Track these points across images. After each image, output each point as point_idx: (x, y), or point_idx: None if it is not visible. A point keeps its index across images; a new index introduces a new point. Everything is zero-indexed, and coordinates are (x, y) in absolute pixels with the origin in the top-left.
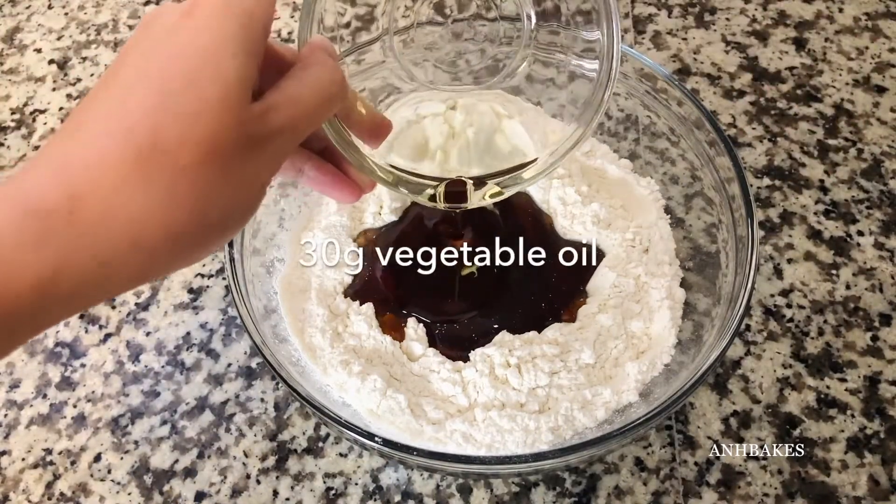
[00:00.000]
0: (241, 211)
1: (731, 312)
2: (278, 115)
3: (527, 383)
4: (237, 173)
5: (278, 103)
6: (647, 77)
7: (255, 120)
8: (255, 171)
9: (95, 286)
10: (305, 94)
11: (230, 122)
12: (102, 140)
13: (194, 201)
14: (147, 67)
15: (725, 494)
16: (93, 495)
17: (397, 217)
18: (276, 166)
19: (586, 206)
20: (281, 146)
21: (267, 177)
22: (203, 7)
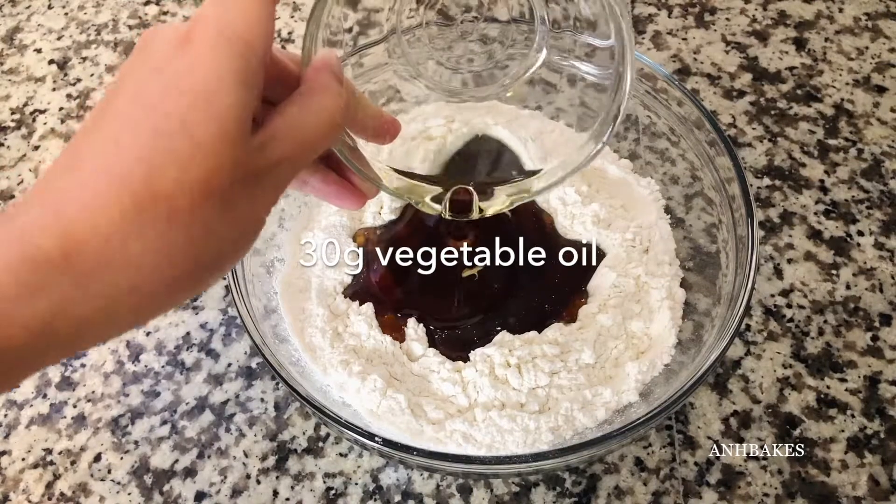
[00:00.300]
0: (238, 248)
1: (731, 312)
2: (278, 147)
3: (527, 383)
4: (235, 211)
5: (279, 133)
6: (647, 77)
7: (253, 154)
8: (253, 206)
9: (93, 331)
10: (308, 123)
11: (226, 162)
12: (97, 183)
13: (191, 245)
14: (142, 102)
15: (725, 494)
16: (93, 495)
17: (397, 217)
18: (275, 198)
19: (586, 206)
20: (280, 178)
21: (265, 211)
22: (199, 35)
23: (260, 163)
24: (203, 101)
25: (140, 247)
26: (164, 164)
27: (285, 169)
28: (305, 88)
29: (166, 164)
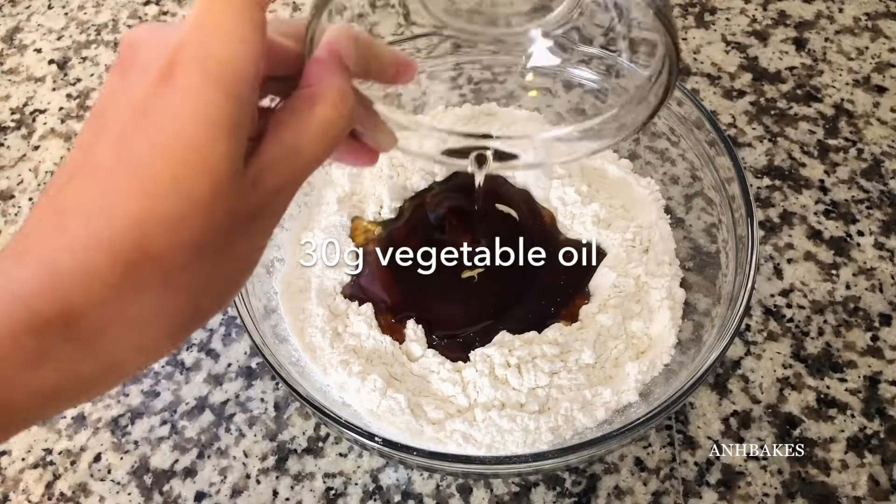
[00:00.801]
0: (240, 282)
1: (731, 312)
2: (274, 178)
3: (527, 383)
4: (232, 254)
5: (274, 163)
6: None
7: (247, 195)
8: (252, 241)
9: (99, 387)
10: (307, 143)
11: (220, 215)
12: (89, 250)
13: (190, 298)
14: (129, 159)
15: (725, 494)
16: (93, 495)
17: (396, 216)
18: (273, 226)
19: (586, 206)
20: (277, 206)
21: (264, 240)
22: (181, 73)
23: (255, 201)
24: (193, 154)
25: (138, 309)
26: (156, 227)
27: (283, 196)
28: (305, 95)
29: (158, 228)
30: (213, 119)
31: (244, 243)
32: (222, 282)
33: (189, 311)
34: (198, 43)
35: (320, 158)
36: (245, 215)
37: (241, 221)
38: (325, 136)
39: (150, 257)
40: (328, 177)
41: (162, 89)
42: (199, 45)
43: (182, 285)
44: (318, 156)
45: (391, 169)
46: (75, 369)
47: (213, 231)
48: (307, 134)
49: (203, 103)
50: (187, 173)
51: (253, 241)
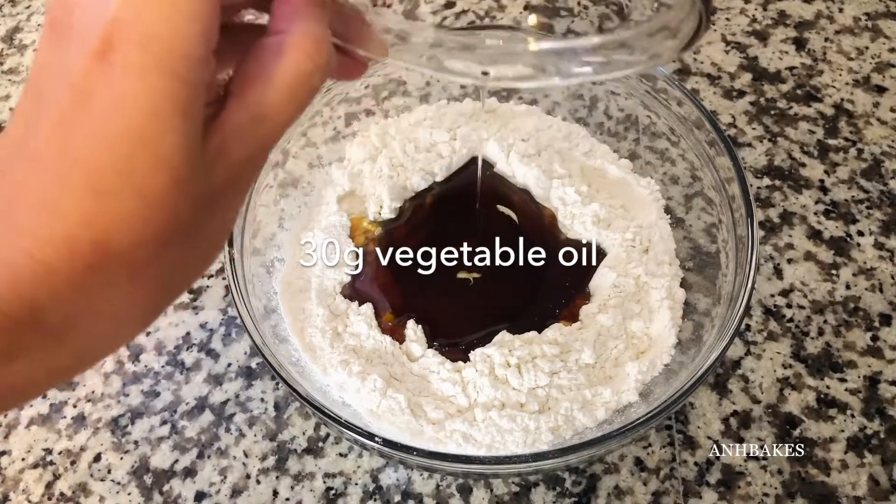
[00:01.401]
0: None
1: (731, 312)
2: (242, 146)
3: (527, 383)
4: (201, 235)
5: (240, 128)
6: (647, 77)
7: (211, 174)
8: (222, 219)
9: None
10: (276, 100)
11: (183, 205)
12: (44, 248)
13: (161, 285)
14: (71, 153)
15: (725, 494)
16: (93, 495)
17: (396, 216)
18: (243, 196)
19: (586, 206)
20: (248, 174)
21: (235, 212)
22: (121, 52)
23: (221, 176)
24: (142, 147)
25: (106, 303)
26: (113, 226)
27: (253, 164)
28: (272, 45)
29: (115, 226)
30: (161, 107)
31: (213, 221)
32: (194, 263)
33: (160, 297)
34: (136, 19)
35: (292, 118)
36: (212, 194)
37: (209, 201)
38: (296, 95)
39: (111, 256)
40: (328, 177)
41: (101, 69)
42: (138, 21)
43: (150, 277)
44: (290, 116)
45: (391, 169)
46: (48, 361)
47: (177, 221)
48: (275, 94)
49: (148, 89)
50: (138, 169)
51: (223, 217)
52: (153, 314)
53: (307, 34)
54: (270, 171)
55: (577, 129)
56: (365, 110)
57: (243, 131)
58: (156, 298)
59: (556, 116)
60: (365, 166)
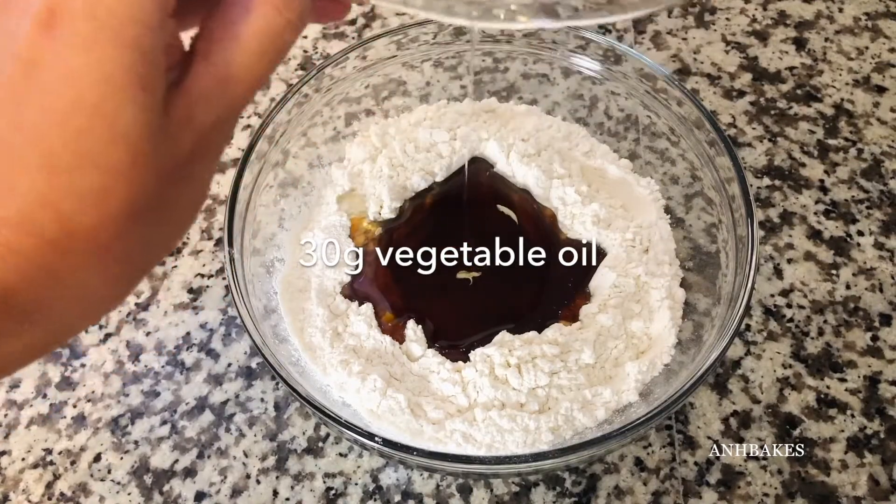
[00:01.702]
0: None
1: (731, 312)
2: (209, 111)
3: (527, 383)
4: (171, 206)
5: (207, 93)
6: (647, 77)
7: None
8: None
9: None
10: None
11: (148, 177)
12: (5, 228)
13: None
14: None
15: (725, 494)
16: (93, 495)
17: (396, 216)
18: (217, 158)
19: (586, 206)
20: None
21: (209, 178)
22: (66, 22)
23: (189, 144)
24: (97, 123)
25: (77, 282)
26: (74, 204)
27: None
28: (240, 2)
29: (76, 204)
30: (115, 80)
31: (185, 192)
32: (166, 235)
33: (132, 273)
34: None
35: (263, 78)
36: (179, 164)
37: (176, 170)
38: (266, 52)
39: (75, 234)
40: (328, 177)
41: (47, 41)
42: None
43: (119, 253)
44: (260, 78)
45: (391, 169)
46: (22, 340)
47: (142, 194)
48: (244, 54)
49: (98, 61)
50: (94, 145)
51: (195, 186)
52: (126, 289)
53: None
54: (270, 171)
55: (577, 129)
56: (365, 110)
57: (210, 95)
58: (128, 274)
59: (556, 116)
60: (365, 166)
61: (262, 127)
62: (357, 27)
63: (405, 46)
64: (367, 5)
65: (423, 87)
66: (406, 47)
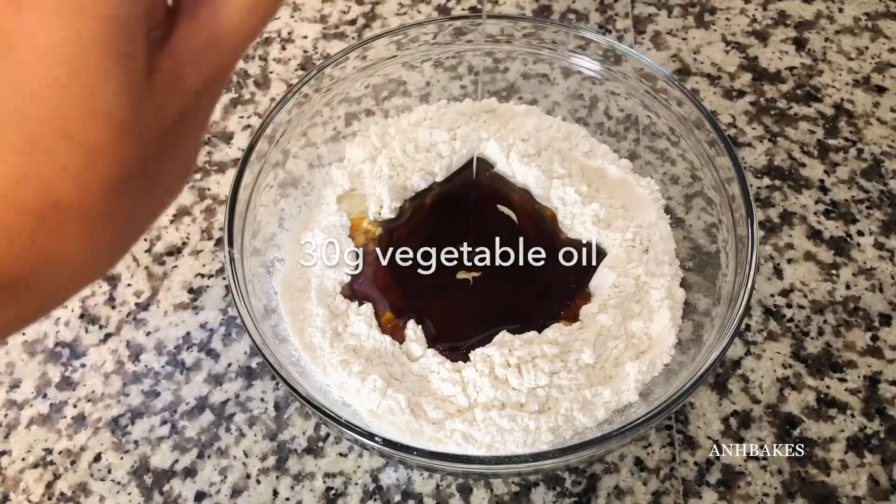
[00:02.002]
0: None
1: (731, 312)
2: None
3: (527, 383)
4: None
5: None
6: (647, 77)
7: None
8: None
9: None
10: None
11: (131, 146)
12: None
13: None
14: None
15: (725, 494)
16: (93, 495)
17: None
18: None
19: (586, 206)
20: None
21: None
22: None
23: (177, 106)
24: (73, 98)
25: (65, 253)
26: (57, 177)
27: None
28: None
29: (60, 177)
30: (89, 53)
31: (175, 155)
32: (157, 200)
33: (120, 241)
34: None
35: (254, 34)
36: (167, 129)
37: (164, 138)
38: (256, 6)
39: (60, 205)
40: (328, 177)
41: (16, 14)
42: None
43: (106, 224)
44: (251, 32)
45: (391, 169)
46: (7, 313)
47: (128, 167)
48: (233, 8)
49: (71, 36)
50: (73, 120)
51: (186, 148)
52: (113, 259)
53: None
54: (270, 171)
55: (577, 129)
56: (365, 110)
57: (199, 54)
58: (117, 242)
59: (556, 116)
60: (365, 166)
61: (262, 127)
62: (357, 27)
63: (405, 46)
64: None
65: (423, 87)
66: (406, 47)
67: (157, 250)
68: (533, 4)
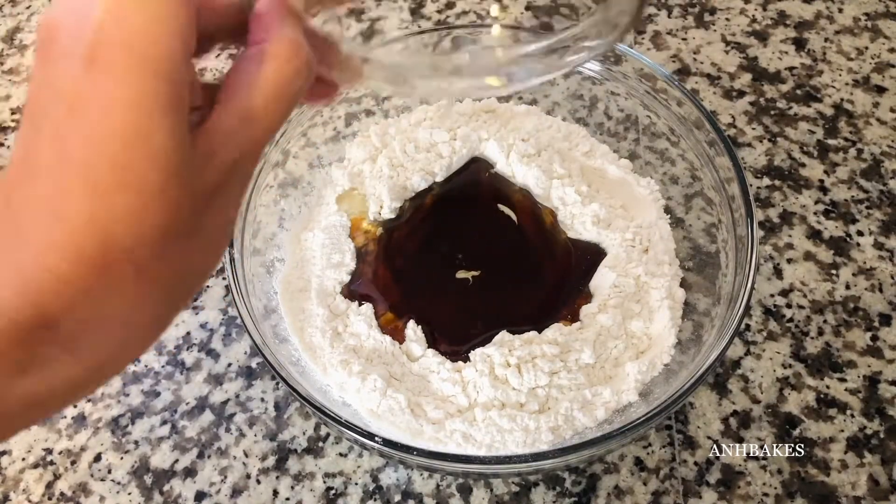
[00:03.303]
0: (218, 254)
1: (731, 312)
2: (231, 149)
3: (527, 383)
4: (202, 232)
5: (228, 132)
6: (647, 77)
7: (203, 168)
8: (221, 214)
9: (86, 389)
10: (262, 104)
11: (179, 198)
12: (49, 254)
13: (166, 285)
14: (69, 158)
15: (725, 494)
16: (93, 495)
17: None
18: (242, 193)
19: (586, 206)
20: (241, 175)
21: (233, 214)
22: (105, 58)
23: (214, 176)
24: (133, 143)
25: (115, 307)
26: (114, 223)
27: (244, 166)
28: (253, 54)
29: (116, 223)
30: (148, 105)
31: (212, 220)
32: (197, 263)
33: (168, 299)
34: (118, 24)
35: (279, 121)
36: (207, 192)
37: (204, 198)
38: (281, 97)
39: (116, 254)
40: (328, 177)
41: (90, 76)
42: (121, 25)
43: (156, 276)
44: (277, 119)
45: (391, 169)
46: (62, 373)
47: (176, 215)
48: (260, 97)
49: (132, 90)
50: (133, 165)
51: (221, 216)
52: (166, 318)
53: (284, 40)
54: (270, 171)
55: (577, 129)
56: (365, 110)
57: (232, 135)
58: (164, 301)
59: (556, 116)
60: (365, 166)
61: None
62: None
63: None
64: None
65: None
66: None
67: None
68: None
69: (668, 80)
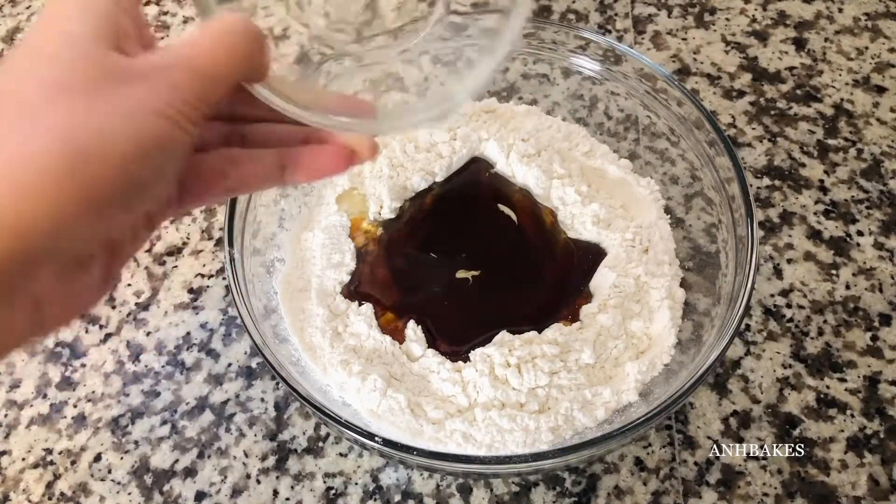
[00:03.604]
0: (133, 142)
1: (731, 312)
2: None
3: (527, 383)
4: (105, 102)
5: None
6: (647, 77)
7: (124, 58)
8: (134, 99)
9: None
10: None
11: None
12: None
13: (61, 130)
14: None
15: (725, 494)
16: (93, 495)
17: (396, 216)
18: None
19: (586, 206)
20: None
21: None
22: None
23: (134, 65)
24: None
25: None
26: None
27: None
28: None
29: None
30: None
31: (123, 97)
32: (99, 129)
33: (64, 149)
34: None
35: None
36: (120, 71)
37: (118, 73)
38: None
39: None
40: None
41: None
42: None
43: (51, 116)
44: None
45: (391, 169)
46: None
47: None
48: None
49: None
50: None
51: (137, 99)
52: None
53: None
54: None
55: (577, 129)
56: None
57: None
58: (56, 145)
59: (556, 116)
60: (365, 166)
61: None
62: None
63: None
64: None
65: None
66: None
67: (158, 250)
68: (533, 4)
69: (668, 80)
